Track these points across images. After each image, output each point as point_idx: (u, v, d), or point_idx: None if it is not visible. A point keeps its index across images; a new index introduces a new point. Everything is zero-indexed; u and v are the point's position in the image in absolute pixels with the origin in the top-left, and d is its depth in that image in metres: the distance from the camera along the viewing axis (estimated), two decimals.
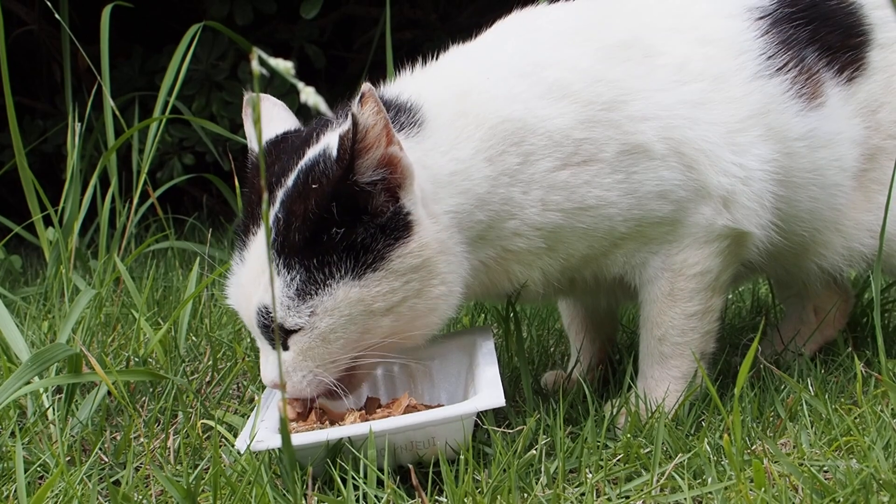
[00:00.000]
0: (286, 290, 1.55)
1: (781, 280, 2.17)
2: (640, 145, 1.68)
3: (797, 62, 1.81)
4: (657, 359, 1.79)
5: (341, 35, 5.26)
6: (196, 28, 3.16)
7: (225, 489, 1.49)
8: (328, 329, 1.56)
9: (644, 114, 1.69)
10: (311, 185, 1.55)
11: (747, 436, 1.61)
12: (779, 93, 1.78)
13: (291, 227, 1.55)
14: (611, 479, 1.50)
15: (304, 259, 1.54)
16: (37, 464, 1.69)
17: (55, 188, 3.39)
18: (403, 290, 1.56)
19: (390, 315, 1.57)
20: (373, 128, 1.50)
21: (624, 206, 1.68)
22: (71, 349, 1.88)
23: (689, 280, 1.75)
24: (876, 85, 1.90)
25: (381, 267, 1.55)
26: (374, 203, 1.55)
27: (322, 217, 1.54)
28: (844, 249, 1.91)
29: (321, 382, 1.60)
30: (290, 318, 1.55)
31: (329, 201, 1.53)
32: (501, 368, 1.66)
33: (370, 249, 1.54)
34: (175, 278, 3.07)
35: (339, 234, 1.54)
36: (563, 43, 1.76)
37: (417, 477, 1.44)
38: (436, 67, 1.78)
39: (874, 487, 1.34)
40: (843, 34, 1.88)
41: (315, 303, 1.55)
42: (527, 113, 1.66)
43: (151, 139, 3.07)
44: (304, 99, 1.04)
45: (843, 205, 1.89)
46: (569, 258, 1.71)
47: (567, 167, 1.66)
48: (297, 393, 1.61)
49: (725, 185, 1.72)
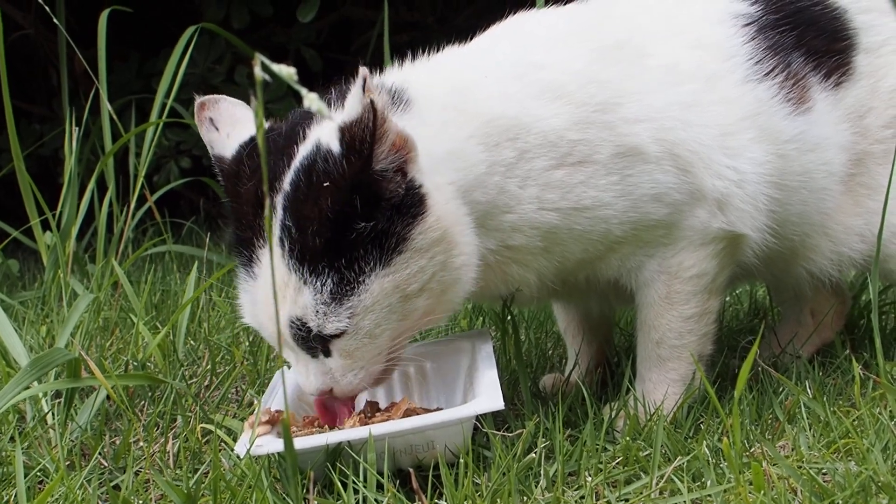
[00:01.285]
0: (318, 297, 1.51)
1: (774, 285, 2.18)
2: (635, 147, 1.68)
3: (784, 67, 1.81)
4: (655, 362, 1.79)
5: (338, 38, 5.26)
6: (193, 30, 3.16)
7: (225, 493, 1.49)
8: (373, 325, 1.53)
9: (637, 115, 1.69)
10: (320, 185, 1.50)
11: (746, 438, 1.61)
12: (767, 97, 1.79)
13: (308, 232, 1.50)
14: (610, 482, 1.51)
15: (330, 261, 1.50)
16: (36, 468, 1.69)
17: (52, 192, 3.38)
18: (431, 265, 1.54)
19: (423, 294, 1.55)
20: (384, 111, 1.47)
21: (620, 207, 1.68)
22: (70, 354, 1.88)
23: (686, 283, 1.75)
24: (863, 90, 1.90)
25: (406, 248, 1.52)
26: (389, 187, 1.51)
27: (343, 214, 1.50)
28: (833, 254, 1.91)
29: (370, 378, 1.59)
30: (329, 325, 1.52)
31: (349, 196, 1.49)
32: (500, 372, 1.66)
33: (391, 233, 1.51)
34: (173, 282, 3.07)
35: (366, 228, 1.50)
36: (556, 45, 1.76)
37: (417, 480, 1.44)
38: (426, 62, 1.77)
39: (873, 490, 1.34)
40: (828, 38, 1.89)
41: (353, 303, 1.51)
42: (521, 112, 1.65)
43: (148, 143, 3.07)
44: (307, 105, 1.04)
45: (832, 209, 1.90)
46: (564, 261, 1.71)
47: (562, 167, 1.66)
48: (351, 392, 1.59)
49: (720, 187, 1.72)
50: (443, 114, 1.63)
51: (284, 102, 4.48)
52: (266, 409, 1.60)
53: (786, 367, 1.98)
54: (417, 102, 1.63)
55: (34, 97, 5.11)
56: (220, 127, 1.67)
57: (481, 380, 1.62)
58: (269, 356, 2.13)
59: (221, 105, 1.69)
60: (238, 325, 2.49)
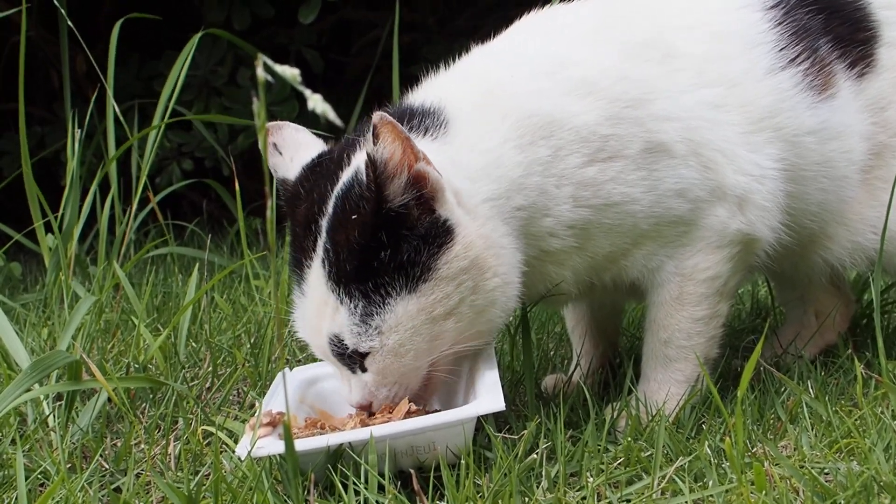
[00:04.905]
0: (352, 317, 1.58)
1: (784, 278, 2.18)
2: (662, 144, 1.70)
3: (811, 52, 1.83)
4: (661, 362, 1.80)
5: (339, 39, 5.26)
6: (199, 36, 3.16)
7: (226, 495, 1.49)
8: (397, 344, 1.58)
9: (667, 114, 1.71)
10: (350, 215, 1.56)
11: (748, 438, 1.61)
12: (791, 86, 1.81)
13: (340, 258, 1.57)
14: (612, 482, 1.51)
15: (359, 286, 1.57)
16: (37, 471, 1.69)
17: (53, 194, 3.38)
18: (458, 292, 1.58)
19: (452, 317, 1.60)
20: (391, 158, 1.52)
21: (646, 202, 1.70)
22: (71, 356, 1.87)
23: (699, 285, 1.76)
24: (885, 83, 1.92)
25: (431, 277, 1.57)
26: (410, 218, 1.56)
27: (367, 245, 1.56)
28: (849, 243, 1.93)
29: (407, 392, 1.64)
30: (362, 344, 1.59)
31: (372, 230, 1.55)
32: (501, 373, 1.66)
33: (417, 263, 1.56)
34: (174, 284, 3.07)
35: (387, 257, 1.55)
36: (585, 42, 1.78)
37: (418, 482, 1.44)
38: (458, 69, 1.80)
39: (875, 490, 1.34)
40: (852, 27, 1.91)
41: (378, 323, 1.57)
42: (554, 108, 1.67)
43: (151, 145, 3.07)
44: (311, 107, 1.04)
45: (851, 198, 1.91)
46: (595, 256, 1.73)
47: (594, 163, 1.68)
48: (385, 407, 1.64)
49: (742, 183, 1.74)
50: (478, 127, 1.67)
51: (288, 105, 4.49)
52: (267, 411, 1.60)
53: (788, 368, 1.97)
54: (454, 121, 1.67)
55: (34, 99, 5.10)
56: (284, 151, 1.73)
57: (482, 381, 1.62)
58: (271, 358, 2.13)
59: (285, 131, 1.75)
60: (239, 326, 2.49)
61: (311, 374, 1.81)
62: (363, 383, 1.63)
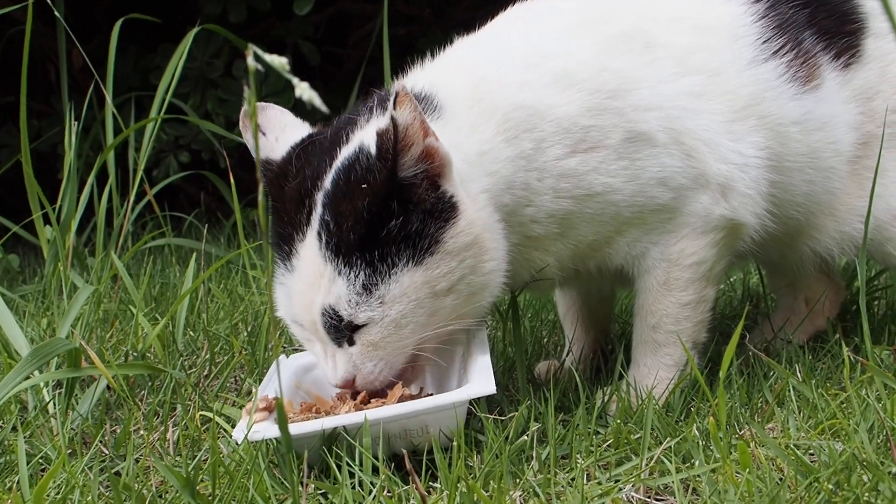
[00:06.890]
0: (351, 287, 1.58)
1: (774, 266, 2.20)
2: (643, 133, 1.72)
3: (794, 45, 1.85)
4: (650, 347, 1.82)
5: (335, 31, 5.27)
6: (196, 31, 3.18)
7: (223, 478, 1.52)
8: (399, 315, 1.59)
9: (647, 104, 1.73)
10: (358, 185, 1.57)
11: (735, 421, 1.64)
12: (773, 77, 1.82)
13: (344, 228, 1.58)
14: (601, 463, 1.53)
15: (364, 255, 1.58)
16: (38, 456, 1.71)
17: (51, 187, 3.40)
18: (461, 268, 1.61)
19: (452, 294, 1.62)
20: (411, 125, 1.54)
21: (628, 192, 1.73)
22: (70, 343, 1.90)
23: (685, 270, 1.78)
24: (871, 73, 1.94)
25: (438, 249, 1.59)
26: (417, 192, 1.58)
27: (377, 213, 1.57)
28: (837, 233, 1.95)
29: (391, 370, 1.64)
30: (361, 314, 1.59)
31: (384, 198, 1.57)
32: (494, 358, 1.68)
33: (424, 235, 1.58)
34: (172, 275, 3.09)
35: (396, 227, 1.57)
36: (567, 34, 1.80)
37: (411, 463, 1.46)
38: (444, 59, 1.82)
39: (857, 468, 1.36)
40: (838, 20, 1.92)
41: (382, 291, 1.58)
42: (537, 100, 1.70)
43: (148, 137, 3.09)
44: (298, 94, 1.05)
45: (839, 189, 1.93)
46: (578, 244, 1.75)
47: (575, 154, 1.70)
48: (368, 384, 1.64)
49: (724, 171, 1.76)
50: (470, 115, 1.69)
51: (283, 96, 4.50)
52: (263, 397, 1.63)
53: (777, 352, 2.00)
54: (447, 108, 1.69)
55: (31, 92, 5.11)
56: (268, 132, 1.74)
57: (475, 365, 1.65)
58: (267, 346, 2.15)
59: (269, 111, 1.77)
60: (236, 315, 2.51)
61: (307, 361, 1.83)
62: (348, 355, 1.62)
